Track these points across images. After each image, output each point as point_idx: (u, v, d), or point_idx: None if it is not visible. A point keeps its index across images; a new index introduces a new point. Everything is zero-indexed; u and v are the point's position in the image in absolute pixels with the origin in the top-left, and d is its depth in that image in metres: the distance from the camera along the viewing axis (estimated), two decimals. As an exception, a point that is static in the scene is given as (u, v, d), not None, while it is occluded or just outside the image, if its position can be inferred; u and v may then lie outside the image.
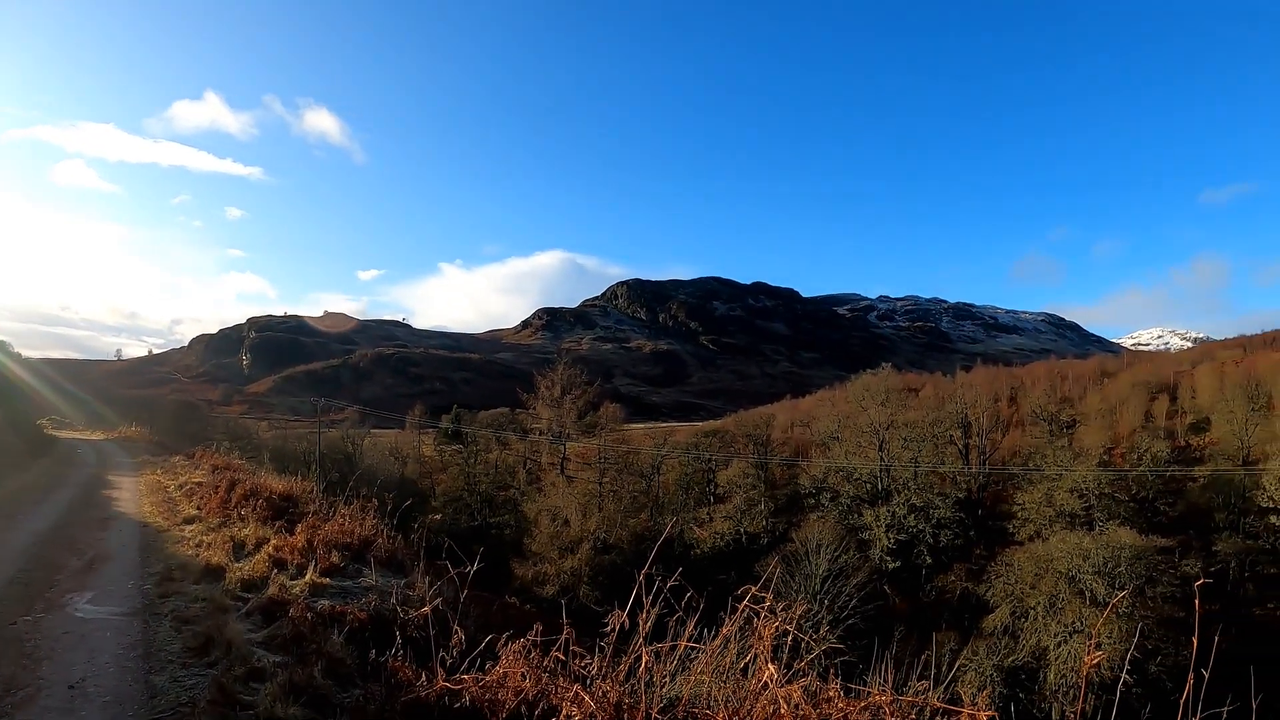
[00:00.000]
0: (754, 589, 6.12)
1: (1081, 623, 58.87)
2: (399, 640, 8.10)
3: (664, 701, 5.94)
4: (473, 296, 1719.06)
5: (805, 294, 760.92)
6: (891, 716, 4.92)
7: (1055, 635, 59.16)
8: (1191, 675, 5.34)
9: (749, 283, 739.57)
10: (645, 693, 5.74)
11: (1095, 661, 5.70)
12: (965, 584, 77.71)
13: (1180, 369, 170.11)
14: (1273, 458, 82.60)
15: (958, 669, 57.03)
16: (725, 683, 5.95)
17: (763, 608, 5.93)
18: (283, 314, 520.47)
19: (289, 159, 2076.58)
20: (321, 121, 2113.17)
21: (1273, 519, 79.26)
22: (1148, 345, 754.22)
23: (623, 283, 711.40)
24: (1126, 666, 55.14)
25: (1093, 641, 7.49)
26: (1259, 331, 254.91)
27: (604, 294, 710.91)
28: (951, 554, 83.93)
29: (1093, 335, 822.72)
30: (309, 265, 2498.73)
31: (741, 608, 6.02)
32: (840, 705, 5.11)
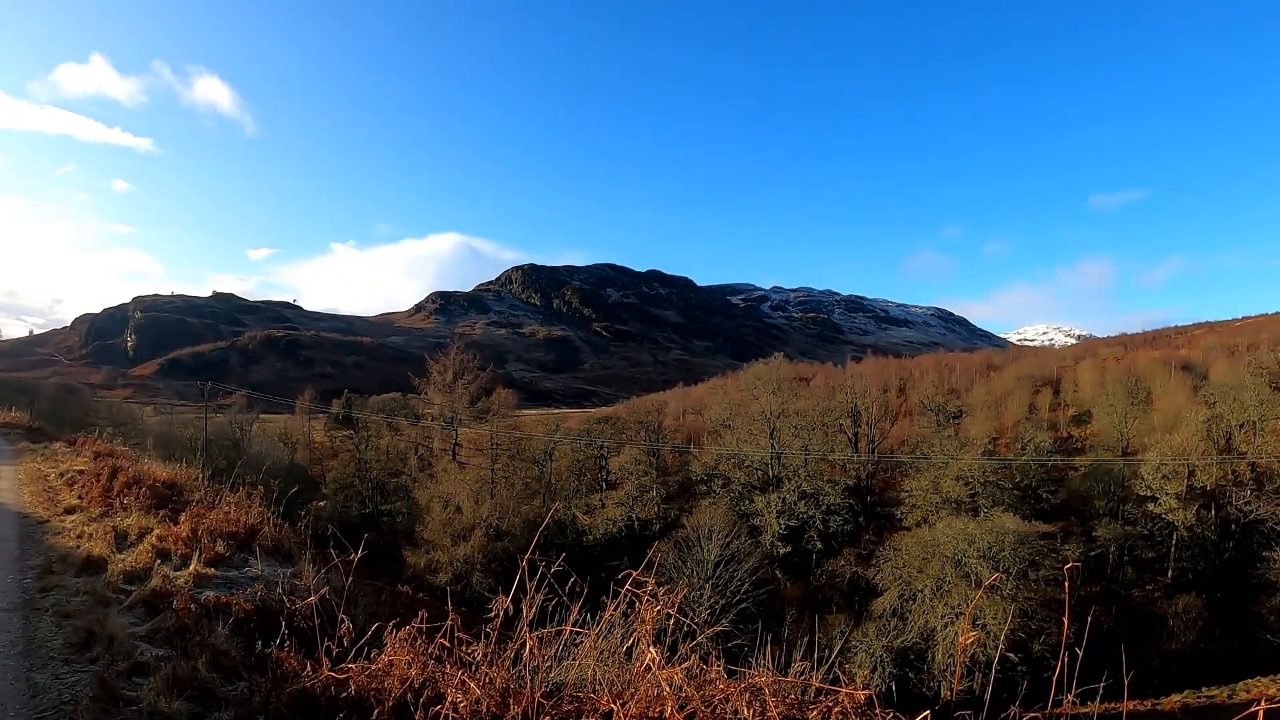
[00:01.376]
0: (635, 573, 6.06)
1: (967, 605, 60.01)
2: (285, 631, 7.89)
3: (549, 686, 5.87)
4: (365, 278, 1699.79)
5: (700, 283, 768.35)
6: (771, 696, 4.88)
7: (942, 617, 60.35)
8: (1064, 654, 5.40)
9: (644, 270, 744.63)
10: (531, 678, 5.66)
11: (969, 641, 5.79)
12: (855, 568, 78.85)
13: (1064, 364, 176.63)
14: (1150, 449, 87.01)
15: (849, 651, 58.26)
16: (610, 667, 5.90)
17: (645, 592, 5.89)
18: (170, 293, 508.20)
19: (178, 129, 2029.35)
20: (212, 90, 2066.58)
21: (1150, 506, 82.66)
22: (1033, 341, 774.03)
23: (518, 268, 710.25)
24: (1002, 645, 56.80)
25: (965, 622, 7.59)
26: (1140, 331, 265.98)
27: (499, 279, 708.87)
28: (841, 539, 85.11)
29: (980, 330, 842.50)
30: (198, 243, 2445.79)
31: (624, 592, 5.96)
32: (721, 686, 5.10)
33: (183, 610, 10.00)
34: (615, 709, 5.10)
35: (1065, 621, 6.19)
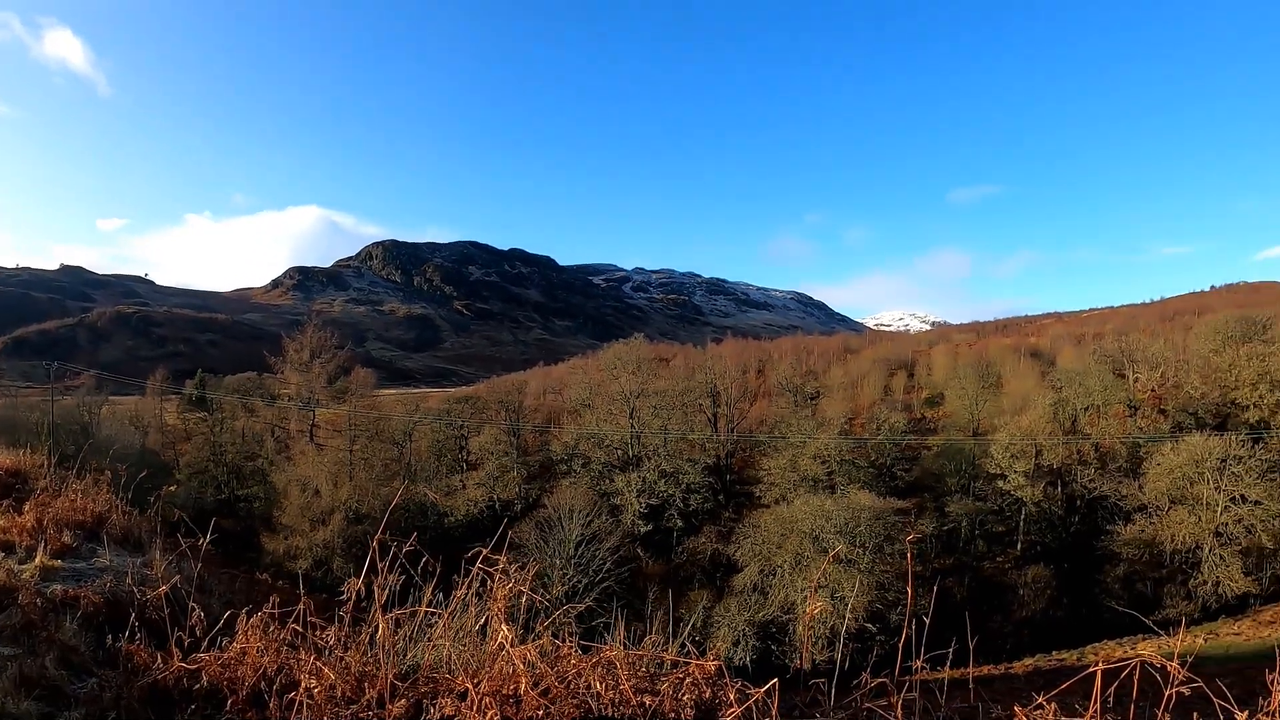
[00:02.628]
0: (485, 551, 5.94)
1: (826, 578, 61.24)
2: (136, 623, 7.55)
3: (405, 668, 5.71)
4: (221, 251, 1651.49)
5: (562, 262, 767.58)
6: (624, 669, 4.83)
7: (801, 591, 61.50)
8: (910, 622, 5.46)
9: (507, 249, 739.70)
10: (386, 661, 5.49)
11: (816, 611, 5.94)
12: (715, 545, 79.69)
13: (919, 349, 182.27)
14: (1000, 429, 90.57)
15: (712, 625, 58.87)
16: (465, 646, 5.78)
17: (497, 570, 5.78)
18: (14, 266, 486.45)
19: (24, 87, 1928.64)
20: (64, 44, 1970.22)
21: (1000, 483, 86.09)
22: (890, 326, 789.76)
23: (379, 243, 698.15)
24: (852, 616, 58.01)
25: (812, 593, 7.86)
26: (992, 319, 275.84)
27: (359, 254, 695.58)
28: (702, 517, 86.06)
29: (838, 314, 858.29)
30: (43, 211, 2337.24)
31: (475, 571, 5.84)
32: (574, 662, 5.03)
33: (28, 605, 9.54)
34: (470, 688, 5.00)
35: (909, 591, 6.31)
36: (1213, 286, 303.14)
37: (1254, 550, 76.50)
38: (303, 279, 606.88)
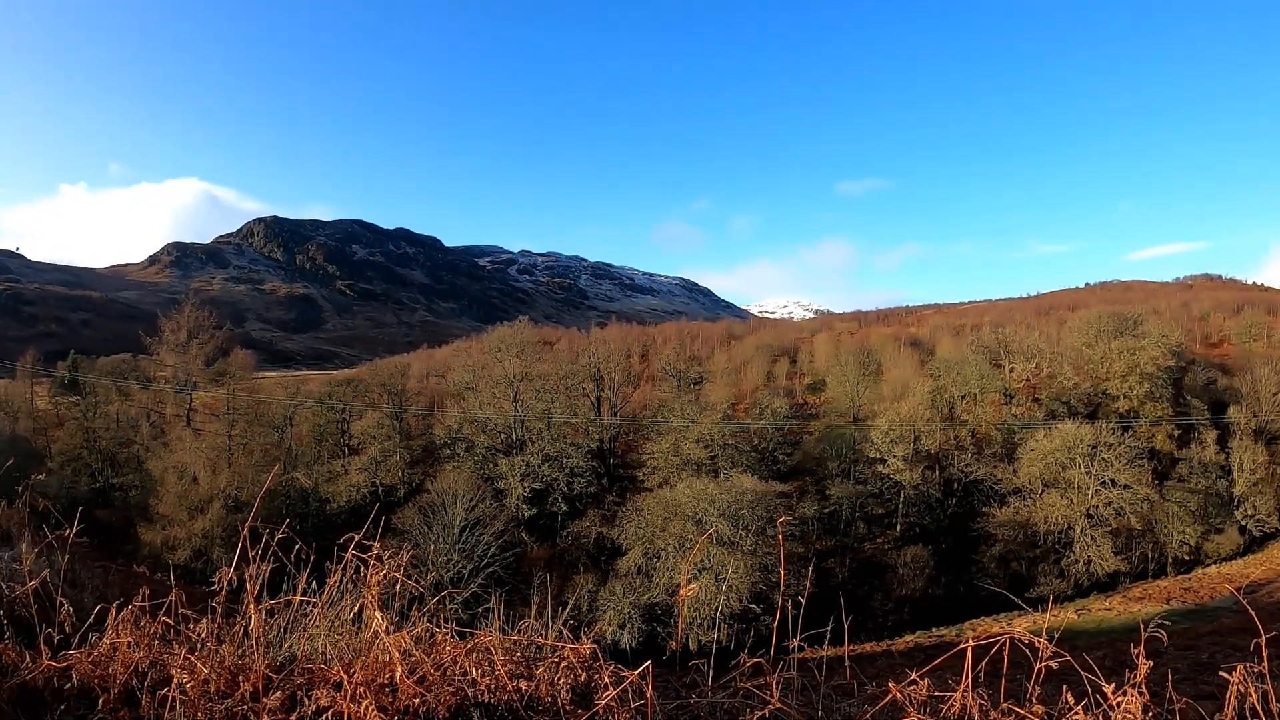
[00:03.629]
0: (358, 537, 5.83)
1: (709, 560, 61.81)
2: (3, 620, 7.22)
3: (279, 660, 5.56)
4: (96, 225, 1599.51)
5: (448, 243, 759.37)
6: (500, 655, 4.78)
7: (685, 573, 61.62)
8: (783, 601, 5.52)
9: (392, 228, 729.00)
10: (261, 653, 5.33)
11: (690, 593, 5.95)
12: (600, 529, 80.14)
13: (802, 336, 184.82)
14: (880, 415, 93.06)
15: (598, 609, 59.00)
16: (341, 636, 5.65)
17: (371, 556, 5.66)
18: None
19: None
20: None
21: (879, 467, 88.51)
22: (774, 313, 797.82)
23: (260, 219, 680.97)
24: (733, 598, 58.65)
25: (686, 575, 7.70)
26: (874, 309, 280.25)
27: (240, 231, 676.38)
28: (586, 501, 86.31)
29: (723, 301, 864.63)
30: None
31: (348, 557, 5.72)
32: (450, 649, 4.97)
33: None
34: (344, 679, 4.87)
35: (782, 572, 6.39)
36: (1087, 284, 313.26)
37: (1123, 531, 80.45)
38: (181, 255, 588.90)
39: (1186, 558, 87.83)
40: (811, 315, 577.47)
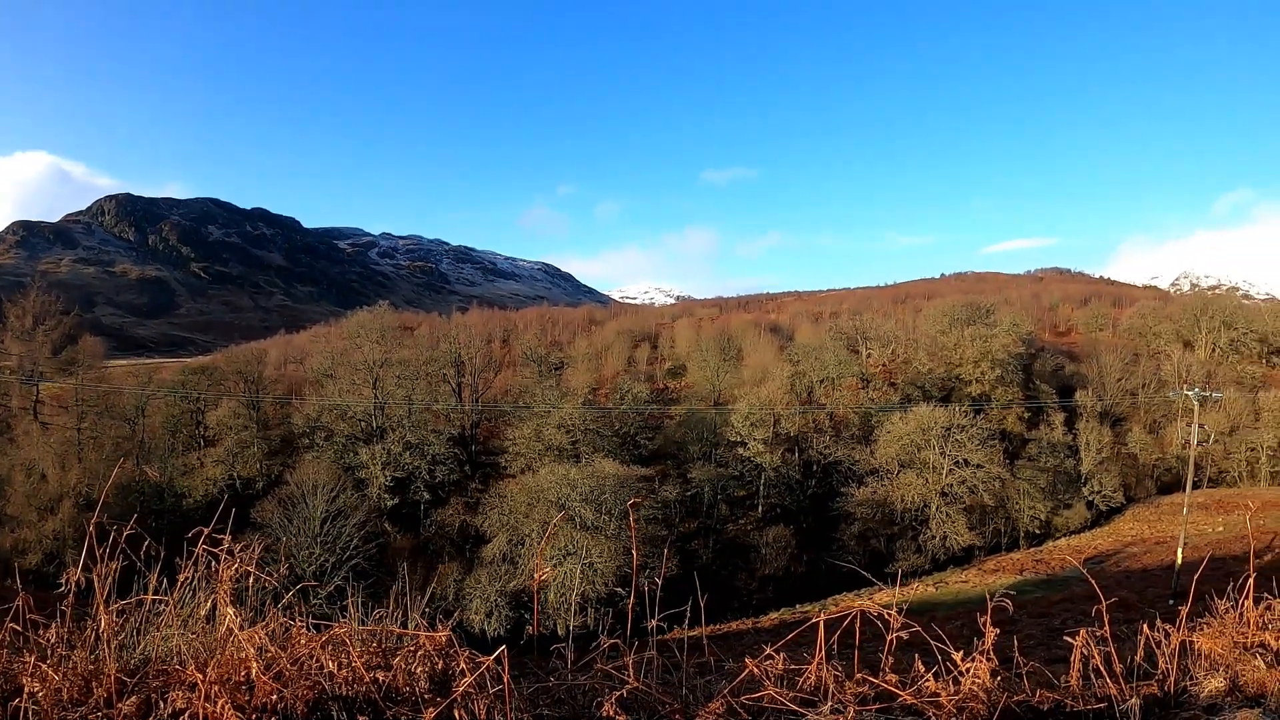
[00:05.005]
0: (207, 530, 5.72)
1: (574, 545, 62.14)
2: None
3: (134, 663, 5.43)
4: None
5: (307, 225, 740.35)
6: (355, 647, 4.75)
7: (551, 559, 62.03)
8: (634, 587, 5.65)
9: (249, 208, 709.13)
10: (113, 657, 5.20)
11: (544, 577, 6.31)
12: (464, 517, 79.81)
13: (663, 322, 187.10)
14: (740, 399, 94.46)
15: (465, 598, 58.85)
16: (195, 635, 5.53)
17: (222, 551, 5.57)
18: None
19: None
20: None
21: (740, 450, 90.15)
22: (635, 299, 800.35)
23: (112, 197, 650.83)
24: (599, 581, 59.06)
25: (540, 560, 7.86)
26: (735, 295, 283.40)
27: (89, 209, 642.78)
28: (448, 489, 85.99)
29: (585, 286, 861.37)
30: None
31: (198, 552, 5.62)
32: (306, 643, 4.89)
33: None
34: (199, 679, 4.76)
35: (634, 553, 6.47)
36: (943, 274, 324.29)
37: (977, 508, 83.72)
38: (28, 235, 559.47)
39: (1038, 531, 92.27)
40: (673, 301, 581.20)
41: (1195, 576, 6.30)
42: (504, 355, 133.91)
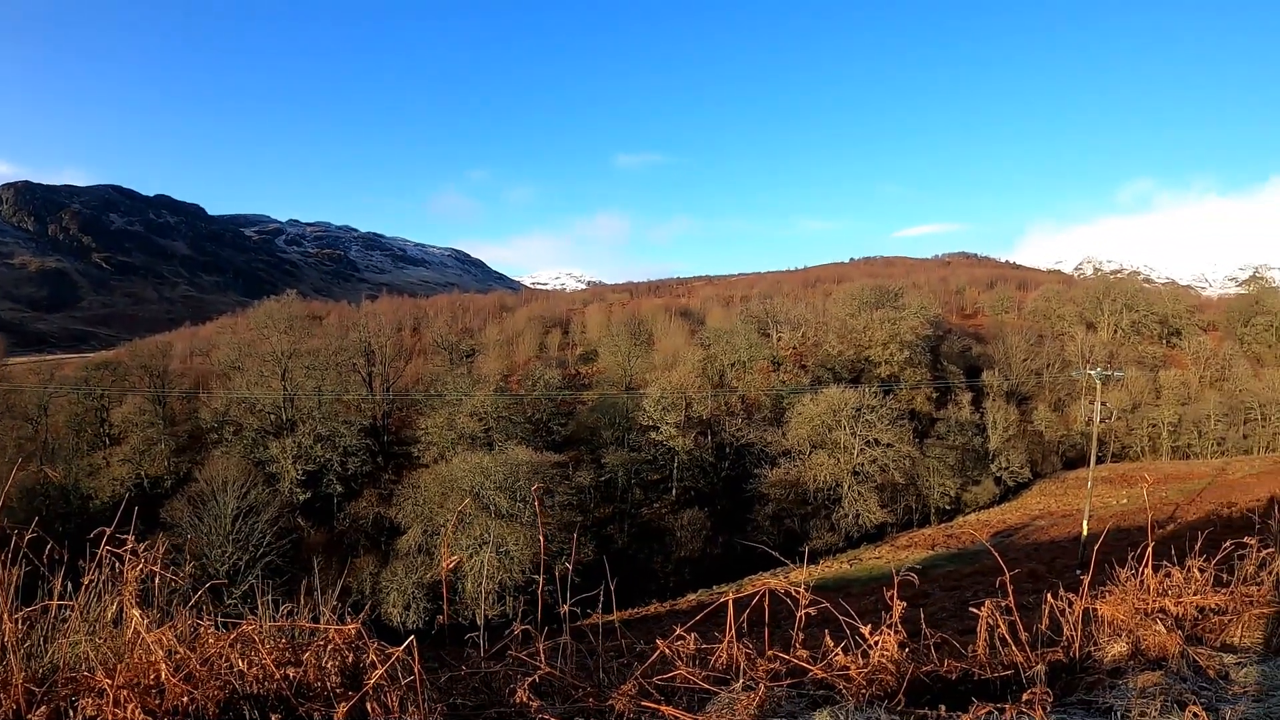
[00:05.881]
0: (109, 530, 5.68)
1: (489, 534, 62.07)
2: None
3: (43, 671, 5.37)
4: None
5: (212, 211, 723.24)
6: (263, 644, 4.76)
7: (467, 548, 62.02)
8: (542, 573, 5.83)
9: (152, 195, 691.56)
10: (20, 666, 5.14)
11: (452, 564, 6.06)
12: (377, 508, 79.37)
13: (574, 307, 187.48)
14: (652, 384, 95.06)
15: (382, 591, 58.51)
16: (103, 640, 5.48)
17: (126, 551, 5.53)
18: None
19: None
20: None
21: (653, 434, 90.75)
22: (546, 285, 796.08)
23: (9, 185, 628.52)
24: (515, 569, 59.10)
25: (446, 549, 7.76)
26: (646, 280, 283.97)
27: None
28: (361, 480, 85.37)
29: (495, 272, 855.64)
30: None
31: (101, 553, 5.58)
32: (214, 642, 4.87)
33: None
34: (108, 684, 4.73)
35: (542, 538, 6.56)
36: (852, 258, 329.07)
37: (888, 486, 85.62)
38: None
39: (948, 507, 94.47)
40: (584, 287, 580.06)
41: (1096, 547, 6.57)
42: (415, 343, 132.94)
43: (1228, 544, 6.86)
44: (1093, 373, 66.54)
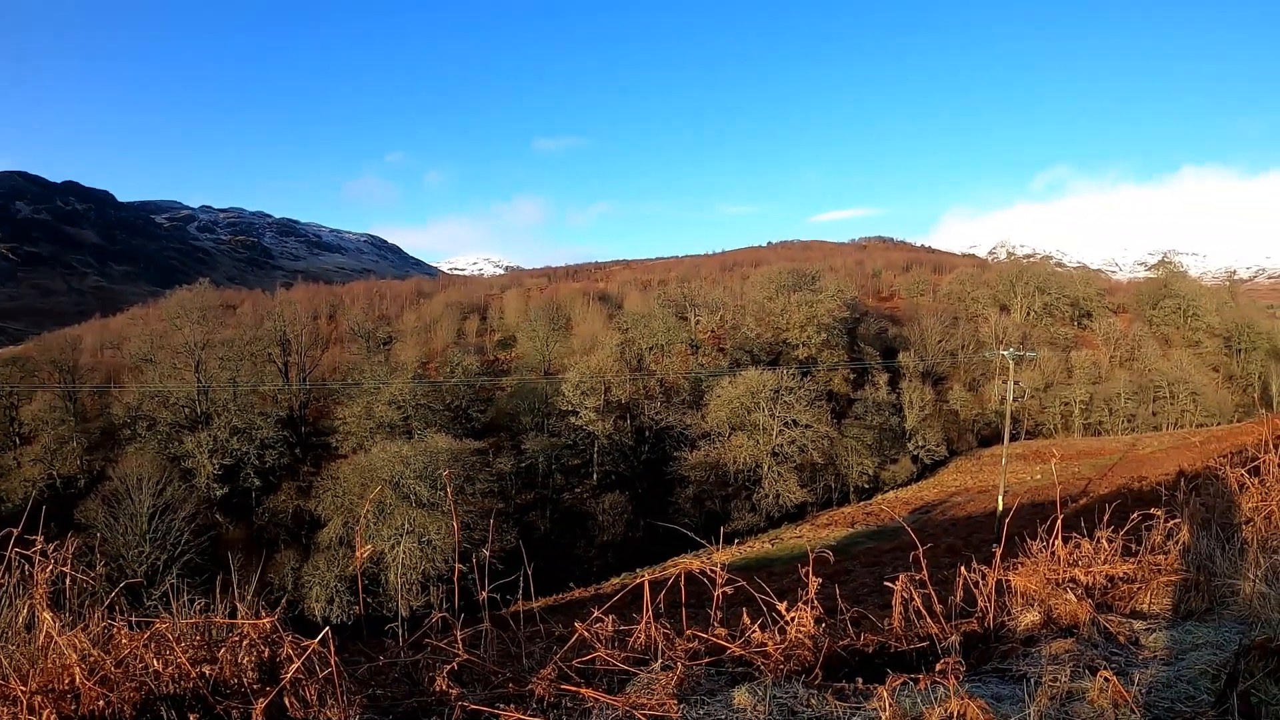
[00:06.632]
0: (16, 532, 5.67)
1: (410, 524, 61.79)
2: None
3: None
4: None
5: (122, 198, 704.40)
6: (178, 642, 4.79)
7: (388, 539, 61.67)
8: (457, 562, 5.86)
9: (60, 181, 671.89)
10: None
11: (365, 555, 6.01)
12: (297, 502, 78.55)
13: (491, 293, 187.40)
14: (570, 369, 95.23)
15: (305, 586, 58.03)
16: (15, 645, 5.47)
17: (34, 552, 5.52)
18: None
19: None
20: None
21: (572, 419, 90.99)
22: (464, 270, 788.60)
23: None
24: (439, 559, 58.97)
25: (360, 540, 7.77)
26: (564, 264, 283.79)
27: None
28: (280, 473, 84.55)
29: (413, 258, 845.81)
30: None
31: (10, 556, 5.56)
32: (128, 642, 4.87)
33: None
34: (20, 691, 4.73)
35: (455, 525, 6.59)
36: (770, 242, 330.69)
37: (807, 466, 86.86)
38: None
39: (867, 486, 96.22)
40: (502, 272, 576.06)
41: (1007, 520, 6.83)
42: (331, 332, 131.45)
43: (1135, 516, 7.19)
44: (1006, 353, 68.03)
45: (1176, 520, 7.25)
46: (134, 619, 5.26)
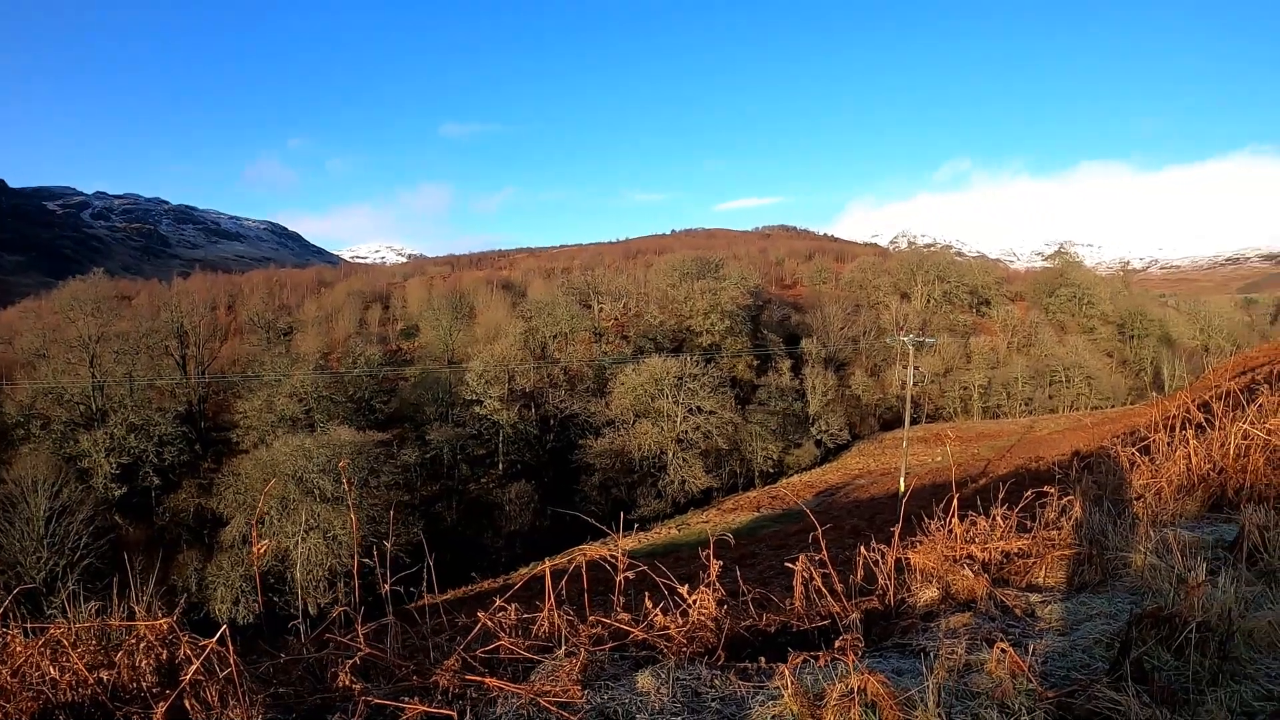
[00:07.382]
0: None
1: (315, 519, 61.25)
2: None
3: None
4: None
5: (12, 184, 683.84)
6: (72, 647, 4.82)
7: (293, 535, 61.07)
8: (356, 557, 6.04)
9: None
10: None
11: (261, 550, 6.12)
12: (198, 500, 77.41)
13: (394, 281, 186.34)
14: (474, 358, 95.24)
15: (209, 587, 57.31)
16: None
17: None
18: None
19: None
20: None
21: (477, 409, 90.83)
22: (366, 259, 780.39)
23: None
24: (344, 554, 58.45)
25: (256, 536, 7.90)
26: (468, 252, 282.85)
27: None
28: (180, 471, 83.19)
29: (314, 246, 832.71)
30: None
31: None
32: (22, 650, 4.88)
33: None
34: None
35: (353, 518, 6.82)
36: (674, 231, 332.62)
37: (712, 452, 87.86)
38: None
39: (771, 470, 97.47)
40: (405, 260, 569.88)
41: (904, 501, 7.10)
42: (230, 323, 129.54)
43: (1029, 493, 7.52)
44: (906, 339, 69.50)
45: (1070, 497, 7.54)
46: (29, 625, 5.23)
